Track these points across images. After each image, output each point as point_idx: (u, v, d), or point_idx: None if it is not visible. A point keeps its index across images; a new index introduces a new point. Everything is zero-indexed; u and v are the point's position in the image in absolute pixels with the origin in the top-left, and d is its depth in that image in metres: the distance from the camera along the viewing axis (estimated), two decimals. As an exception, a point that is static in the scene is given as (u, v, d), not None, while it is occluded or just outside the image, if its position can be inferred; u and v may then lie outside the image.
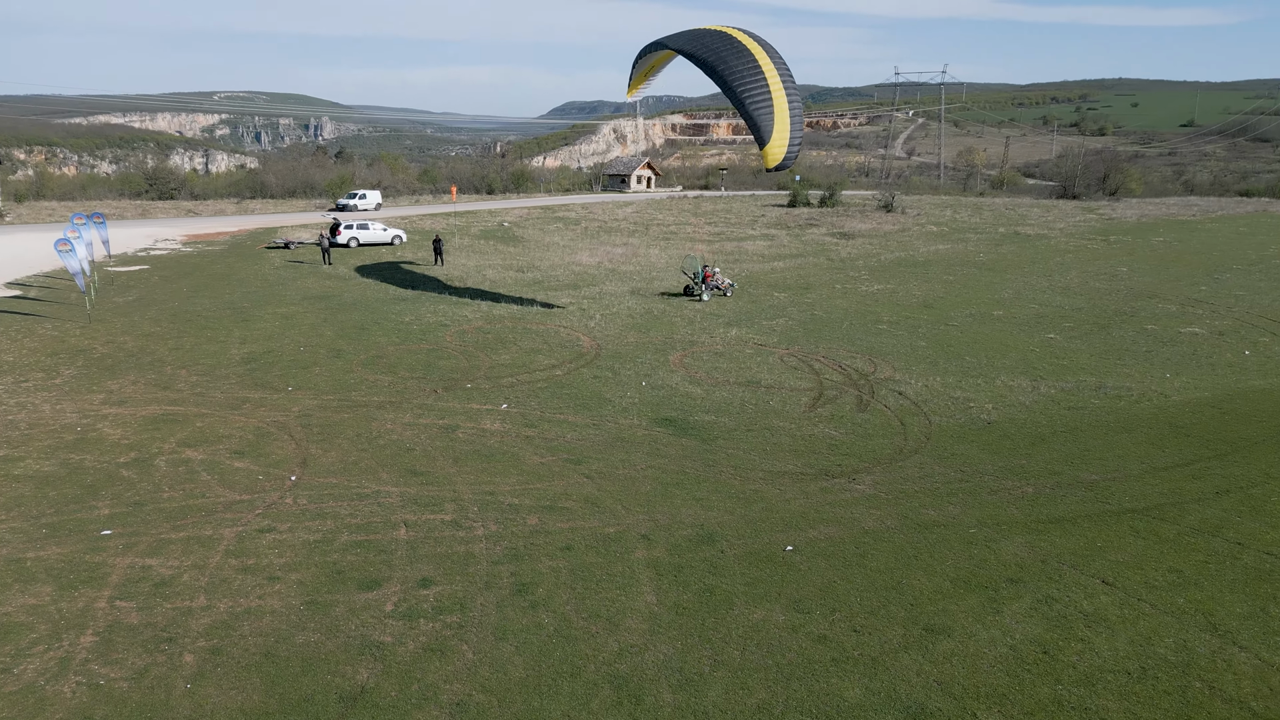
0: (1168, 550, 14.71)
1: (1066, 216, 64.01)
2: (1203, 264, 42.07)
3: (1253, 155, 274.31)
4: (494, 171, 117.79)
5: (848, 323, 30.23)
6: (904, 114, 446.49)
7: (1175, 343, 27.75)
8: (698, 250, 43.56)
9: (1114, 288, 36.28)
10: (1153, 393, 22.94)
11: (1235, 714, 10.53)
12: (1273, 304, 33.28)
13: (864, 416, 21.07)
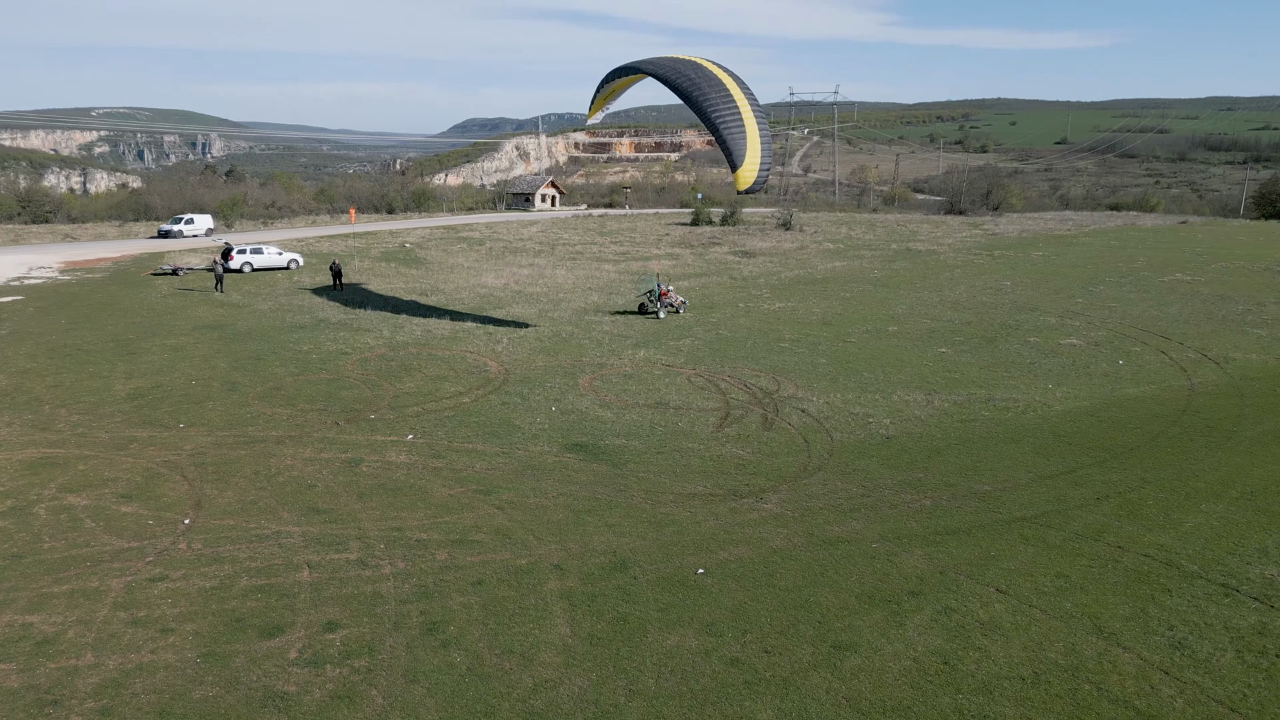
0: (1055, 556, 15.54)
1: (954, 232, 67.04)
2: (1078, 277, 44.69)
3: (1121, 170, 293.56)
4: (394, 190, 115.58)
5: (751, 341, 30.88)
6: (800, 132, 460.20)
7: (1056, 354, 29.37)
8: (653, 268, 44.84)
9: (999, 301, 38.17)
10: (1037, 403, 24.21)
11: (1121, 713, 11.19)
12: (1142, 315, 35.60)
13: (769, 435, 21.54)
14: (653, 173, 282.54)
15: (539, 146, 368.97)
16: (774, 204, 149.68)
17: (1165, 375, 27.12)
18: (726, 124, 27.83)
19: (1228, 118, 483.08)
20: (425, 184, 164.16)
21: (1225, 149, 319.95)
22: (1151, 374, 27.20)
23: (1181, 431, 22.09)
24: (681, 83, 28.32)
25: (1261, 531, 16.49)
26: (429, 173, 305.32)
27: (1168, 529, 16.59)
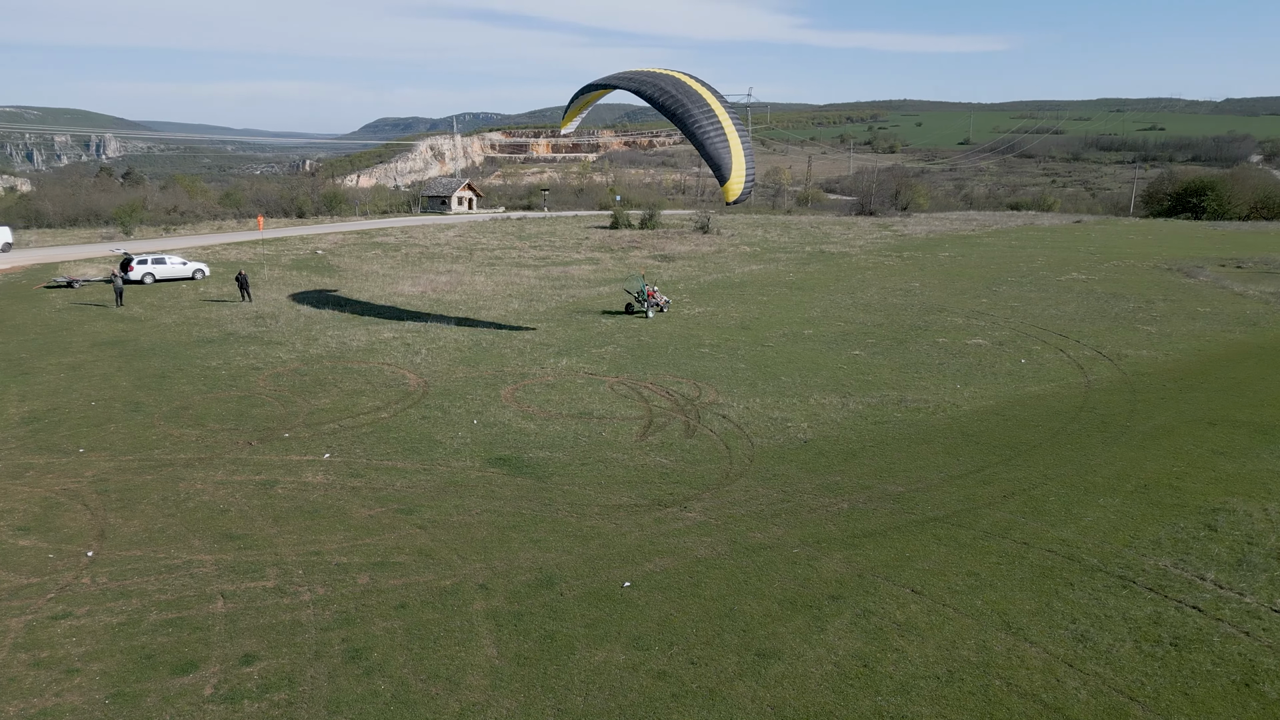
0: (966, 555, 16.17)
1: (865, 234, 68.95)
2: (983, 277, 46.53)
3: (1020, 170, 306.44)
4: (304, 193, 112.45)
5: (672, 347, 31.17)
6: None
7: (963, 354, 30.53)
8: (640, 270, 46.93)
9: (908, 303, 39.45)
10: (946, 403, 25.13)
11: (1029, 707, 11.74)
12: (1042, 314, 37.30)
13: (692, 442, 21.81)
14: (570, 173, 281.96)
15: (454, 147, 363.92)
16: (692, 204, 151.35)
17: (1064, 373, 28.46)
18: (710, 139, 28.57)
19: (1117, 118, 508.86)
20: (337, 186, 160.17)
21: (1115, 149, 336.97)
22: (1051, 372, 28.51)
23: (1080, 428, 23.24)
24: (663, 99, 28.99)
25: (1154, 524, 17.49)
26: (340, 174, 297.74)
27: (1069, 524, 17.45)
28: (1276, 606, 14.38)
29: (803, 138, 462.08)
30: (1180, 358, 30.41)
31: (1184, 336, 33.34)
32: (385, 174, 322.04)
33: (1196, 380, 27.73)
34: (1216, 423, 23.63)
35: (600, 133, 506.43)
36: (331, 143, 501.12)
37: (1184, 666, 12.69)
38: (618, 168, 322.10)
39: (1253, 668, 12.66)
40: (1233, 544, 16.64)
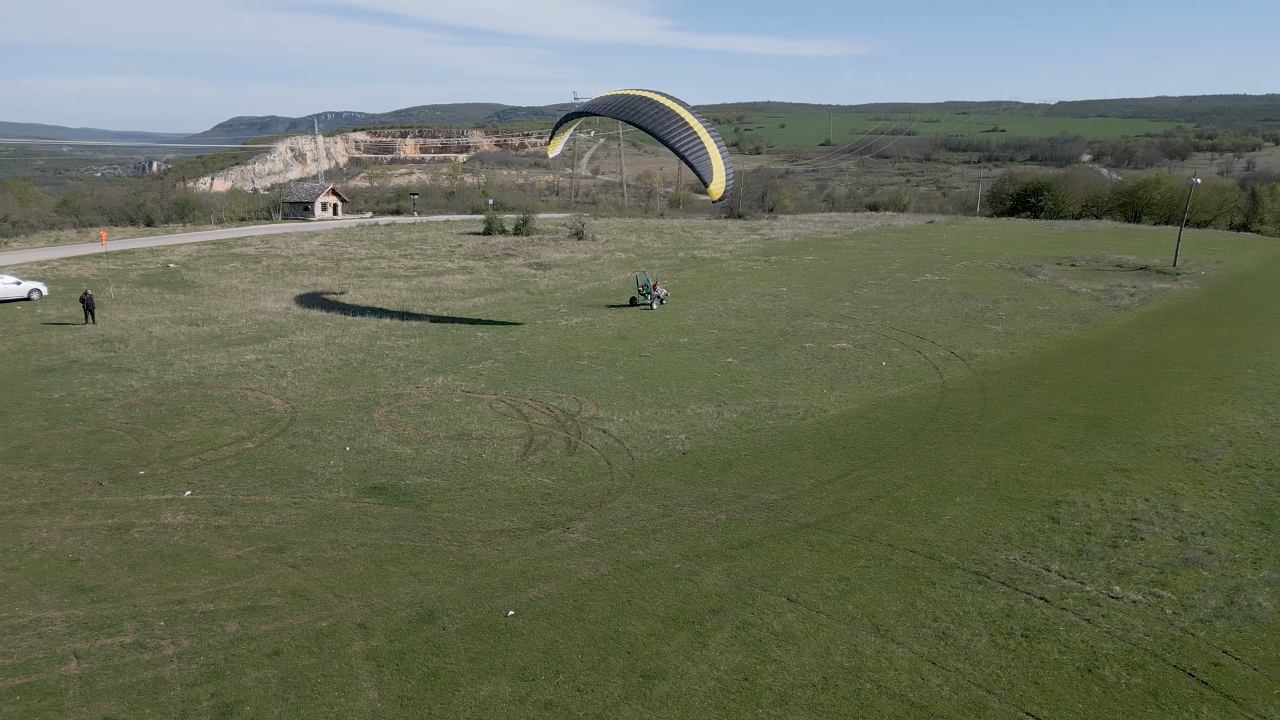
0: (836, 560, 16.94)
1: (735, 238, 70.78)
2: (845, 280, 48.64)
3: (877, 170, 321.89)
4: (153, 199, 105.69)
5: (551, 360, 31.15)
6: (587, 135, 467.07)
7: (828, 358, 31.85)
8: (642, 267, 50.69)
9: (777, 308, 40.81)
10: (815, 408, 26.18)
11: (898, 708, 12.44)
12: (900, 315, 39.34)
13: (573, 460, 21.89)
14: (440, 174, 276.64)
15: (316, 148, 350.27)
16: (566, 206, 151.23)
17: (921, 374, 30.14)
18: (690, 150, 31.93)
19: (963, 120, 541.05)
20: (189, 190, 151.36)
21: (962, 149, 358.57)
22: (910, 373, 30.13)
23: (937, 428, 24.69)
24: (641, 120, 32.60)
25: (1005, 519, 18.80)
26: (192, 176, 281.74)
27: (929, 523, 18.54)
28: (1114, 594, 15.74)
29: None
30: (1024, 355, 32.74)
31: (1026, 334, 35.89)
32: (242, 176, 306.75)
33: (1038, 377, 29.92)
34: (1057, 418, 25.59)
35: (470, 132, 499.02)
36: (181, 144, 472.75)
37: (1034, 657, 13.74)
38: (489, 169, 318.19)
39: (1094, 654, 13.83)
40: (1073, 535, 18.09)
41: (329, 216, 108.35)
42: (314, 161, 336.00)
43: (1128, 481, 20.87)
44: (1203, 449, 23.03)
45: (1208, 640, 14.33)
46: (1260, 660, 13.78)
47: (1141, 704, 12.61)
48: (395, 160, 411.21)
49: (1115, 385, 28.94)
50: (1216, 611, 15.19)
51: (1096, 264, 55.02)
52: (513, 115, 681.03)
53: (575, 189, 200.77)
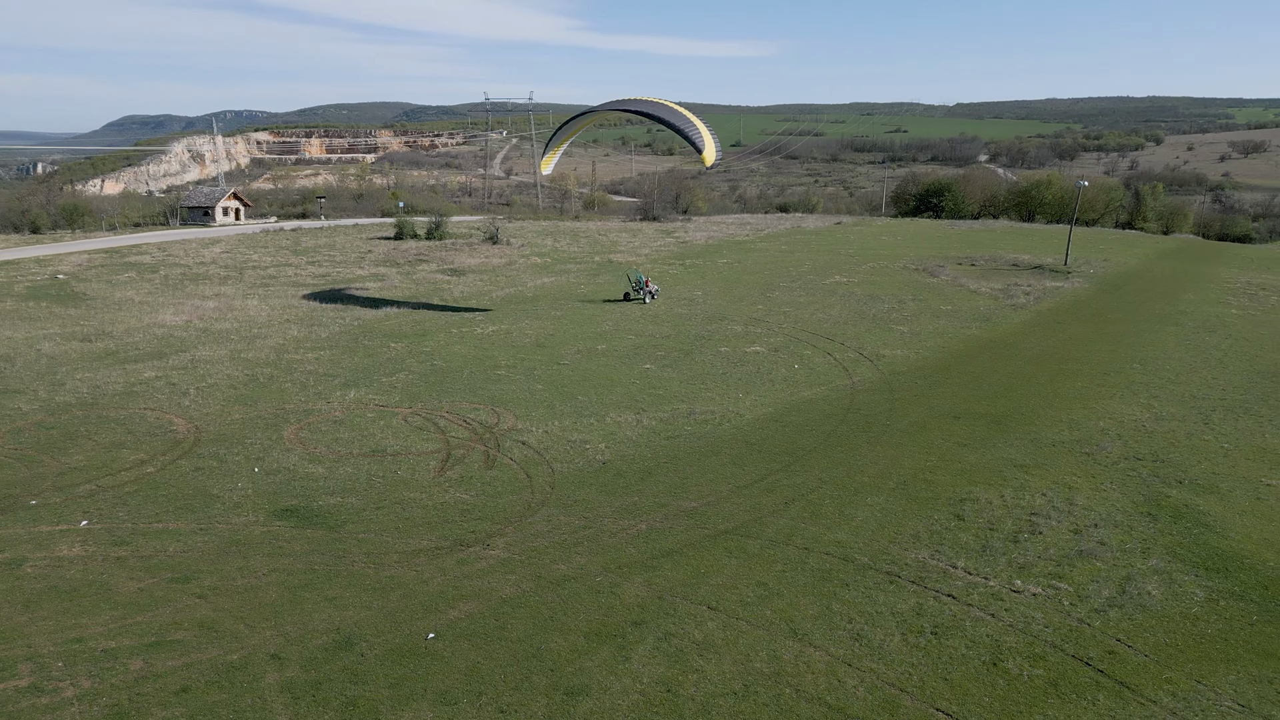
0: (755, 565, 17.27)
1: (650, 241, 71.22)
2: (758, 284, 49.50)
3: (787, 170, 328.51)
4: (38, 203, 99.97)
5: (468, 371, 30.78)
6: (499, 135, 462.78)
7: (743, 362, 32.39)
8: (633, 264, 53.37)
9: (692, 313, 41.27)
10: (731, 413, 26.59)
11: (816, 711, 12.78)
12: (811, 318, 40.27)
13: (492, 474, 21.70)
14: (348, 176, 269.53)
15: (215, 148, 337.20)
16: (479, 207, 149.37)
17: (832, 375, 30.94)
18: (684, 126, 37.46)
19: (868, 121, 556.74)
20: (78, 194, 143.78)
21: (867, 150, 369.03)
22: (821, 375, 30.90)
23: (848, 429, 25.40)
24: (639, 108, 38.62)
25: (913, 518, 19.49)
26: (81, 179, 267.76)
27: (842, 525, 19.08)
28: (1015, 587, 16.51)
29: (586, 140, 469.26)
30: (928, 355, 33.94)
31: (931, 334, 37.22)
32: (136, 179, 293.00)
33: (942, 376, 31.07)
34: (960, 416, 26.64)
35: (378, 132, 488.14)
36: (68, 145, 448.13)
37: (943, 653, 14.31)
38: (399, 169, 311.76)
39: (998, 647, 14.49)
40: (977, 531, 18.89)
41: (231, 221, 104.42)
42: (213, 163, 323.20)
43: (1026, 477, 21.89)
44: (1094, 443, 24.33)
45: (1102, 629, 15.17)
46: (1150, 647, 14.67)
47: (1043, 694, 13.28)
48: (300, 161, 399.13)
49: (1013, 383, 30.29)
50: (1110, 601, 16.10)
51: (994, 263, 57.42)
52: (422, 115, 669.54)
53: (489, 190, 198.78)
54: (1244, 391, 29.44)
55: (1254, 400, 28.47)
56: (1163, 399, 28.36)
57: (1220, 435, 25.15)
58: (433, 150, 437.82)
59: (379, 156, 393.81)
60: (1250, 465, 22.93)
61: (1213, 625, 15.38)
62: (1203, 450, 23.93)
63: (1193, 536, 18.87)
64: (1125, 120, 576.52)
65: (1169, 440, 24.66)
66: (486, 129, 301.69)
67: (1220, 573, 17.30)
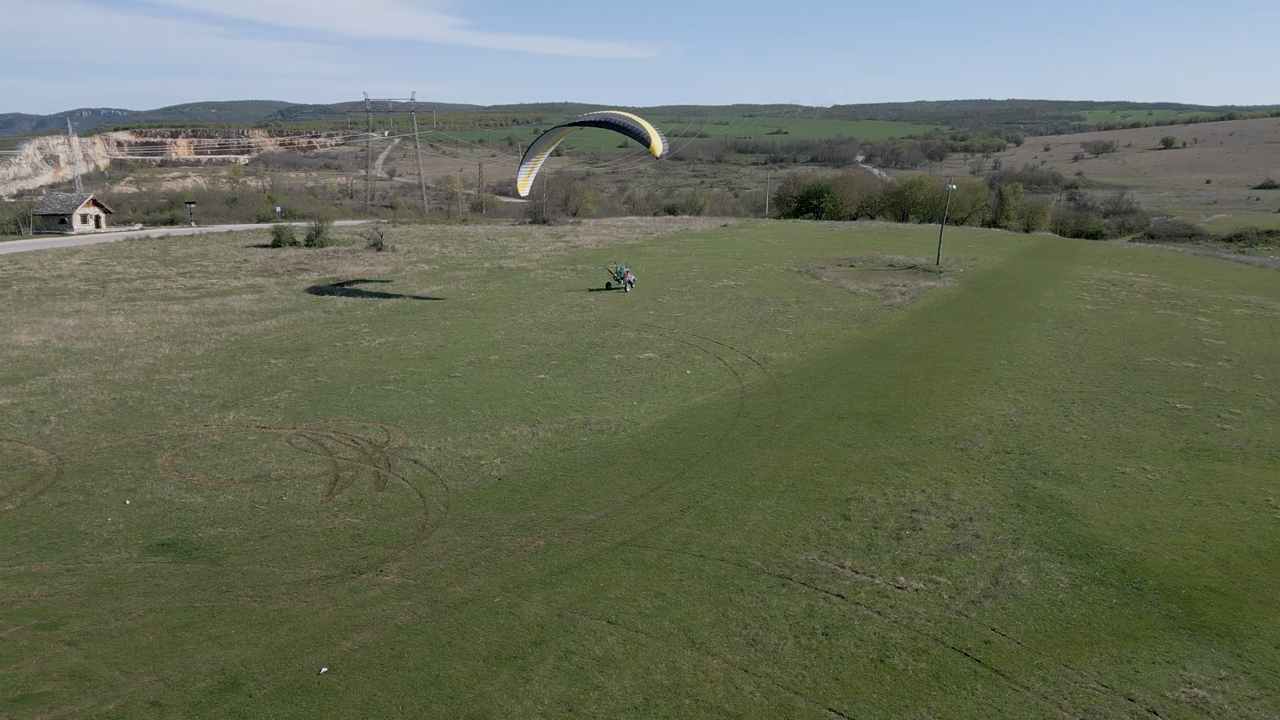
0: (653, 576, 17.51)
1: (541, 246, 70.89)
2: (649, 289, 50.02)
3: (674, 171, 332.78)
4: None
5: (355, 387, 29.94)
6: (381, 135, 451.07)
7: (636, 369, 32.71)
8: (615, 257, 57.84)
9: (585, 319, 41.35)
10: (626, 422, 26.82)
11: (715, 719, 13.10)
12: (701, 322, 41.00)
13: (384, 495, 21.22)
14: (220, 179, 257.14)
15: (71, 149, 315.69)
16: (361, 211, 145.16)
17: (722, 380, 31.62)
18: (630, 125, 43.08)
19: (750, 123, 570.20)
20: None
21: (751, 151, 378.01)
22: (712, 380, 31.53)
23: (739, 434, 26.02)
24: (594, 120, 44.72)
25: (803, 520, 20.16)
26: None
27: (736, 530, 19.55)
28: (899, 584, 17.30)
29: (471, 140, 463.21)
30: (813, 356, 35.12)
31: (814, 336, 38.50)
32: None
33: (826, 377, 32.21)
34: (844, 416, 27.69)
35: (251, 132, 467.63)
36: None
37: (834, 653, 14.89)
38: (275, 171, 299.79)
39: (885, 644, 15.18)
40: (863, 530, 19.70)
41: (91, 230, 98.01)
42: (69, 165, 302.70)
43: (907, 475, 22.96)
44: (967, 439, 25.72)
45: (979, 620, 16.09)
46: (1022, 635, 15.65)
47: (927, 687, 14.00)
48: (166, 163, 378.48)
49: (892, 382, 31.69)
50: (985, 592, 17.08)
51: (872, 264, 59.83)
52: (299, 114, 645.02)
53: (371, 192, 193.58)
54: (1099, 384, 31.69)
55: (1108, 392, 30.69)
56: (1027, 394, 30.22)
57: (1079, 427, 27.00)
58: (311, 151, 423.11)
59: (253, 158, 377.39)
60: (1107, 454, 24.72)
61: (1077, 610, 16.54)
62: (1064, 442, 25.64)
63: (1057, 525, 20.22)
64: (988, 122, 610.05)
65: (1034, 433, 26.31)
66: (367, 129, 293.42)
67: (1082, 559, 18.60)
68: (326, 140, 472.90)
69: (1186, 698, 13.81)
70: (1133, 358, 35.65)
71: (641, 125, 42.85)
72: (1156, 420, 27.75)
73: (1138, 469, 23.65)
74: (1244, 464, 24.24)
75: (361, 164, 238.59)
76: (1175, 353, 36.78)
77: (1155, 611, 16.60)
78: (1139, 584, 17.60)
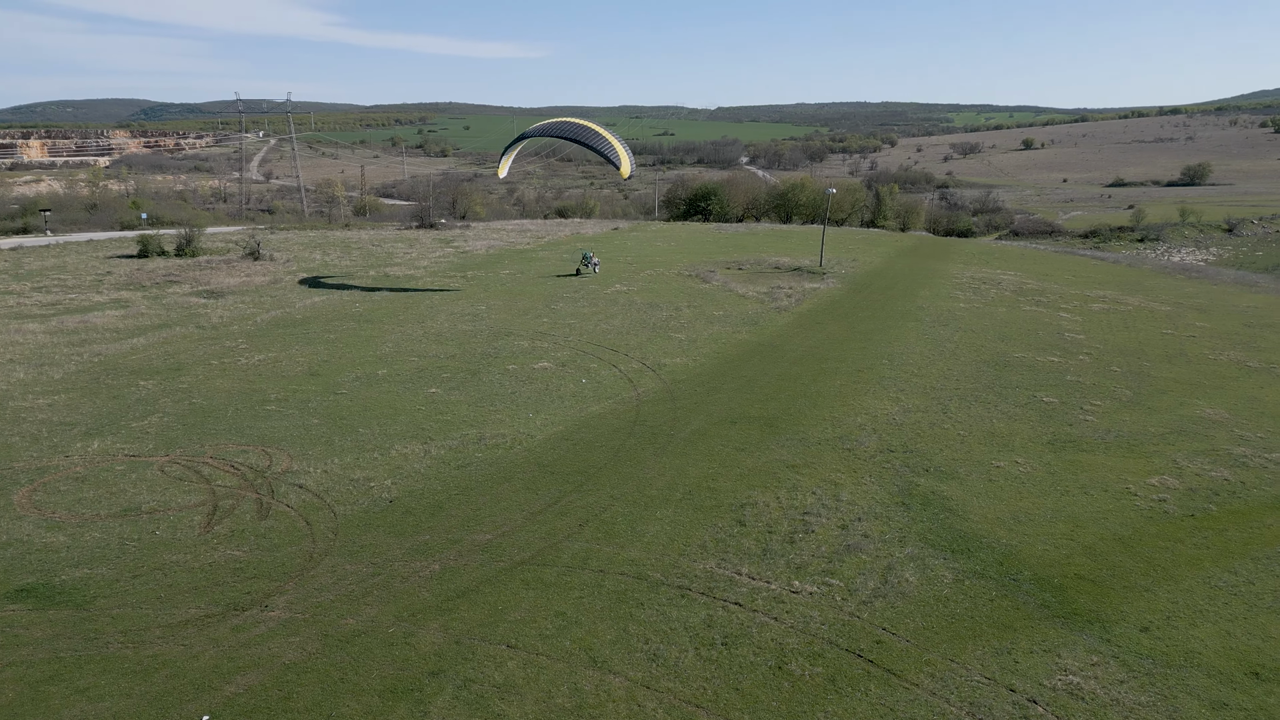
0: (552, 595, 17.35)
1: (429, 252, 69.26)
2: (542, 295, 49.61)
3: (563, 173, 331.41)
4: None
5: (233, 408, 28.50)
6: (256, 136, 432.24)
7: (531, 380, 32.38)
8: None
9: (478, 329, 40.64)
10: (522, 435, 26.51)
11: (617, 742, 13.06)
12: (595, 329, 40.92)
13: (268, 524, 20.27)
14: (78, 182, 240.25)
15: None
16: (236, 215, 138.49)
17: (618, 388, 31.67)
18: (601, 145, 46.22)
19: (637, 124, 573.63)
20: None
21: (639, 152, 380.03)
22: (608, 389, 31.54)
23: (635, 443, 26.11)
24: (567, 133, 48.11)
25: (700, 528, 20.40)
26: None
27: (635, 542, 19.61)
28: (794, 588, 17.72)
29: (353, 140, 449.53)
30: (705, 361, 35.60)
31: (706, 340, 39.04)
32: None
33: (719, 382, 32.71)
34: (737, 421, 28.17)
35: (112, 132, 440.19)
36: None
37: (734, 663, 15.10)
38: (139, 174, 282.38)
39: (782, 650, 15.50)
40: (758, 535, 20.09)
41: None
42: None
43: (798, 477, 23.55)
44: (854, 439, 26.59)
45: (870, 620, 16.65)
46: (911, 632, 16.27)
47: (824, 692, 14.37)
48: (18, 166, 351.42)
49: (782, 384, 32.45)
50: (875, 592, 17.69)
51: (759, 267, 61.15)
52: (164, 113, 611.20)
53: (246, 195, 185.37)
54: (973, 380, 33.32)
55: (981, 388, 32.30)
56: (908, 392, 31.48)
57: (957, 423, 28.31)
58: (179, 152, 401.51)
59: (115, 160, 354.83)
60: (982, 449, 26.01)
61: (961, 605, 17.32)
62: (943, 438, 26.84)
63: (940, 521, 21.14)
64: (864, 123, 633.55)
65: (915, 431, 27.43)
66: (240, 129, 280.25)
67: (964, 554, 19.51)
68: (196, 141, 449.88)
69: (1063, 685, 14.65)
70: (1003, 354, 37.66)
71: (613, 147, 45.85)
72: (1026, 414, 29.39)
73: (1010, 463, 24.98)
74: (1105, 454, 25.95)
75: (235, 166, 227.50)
76: (1041, 348, 39.06)
77: (1031, 601, 17.56)
78: (1015, 575, 18.58)
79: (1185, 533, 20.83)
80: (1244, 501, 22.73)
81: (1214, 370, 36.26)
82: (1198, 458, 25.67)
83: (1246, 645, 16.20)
